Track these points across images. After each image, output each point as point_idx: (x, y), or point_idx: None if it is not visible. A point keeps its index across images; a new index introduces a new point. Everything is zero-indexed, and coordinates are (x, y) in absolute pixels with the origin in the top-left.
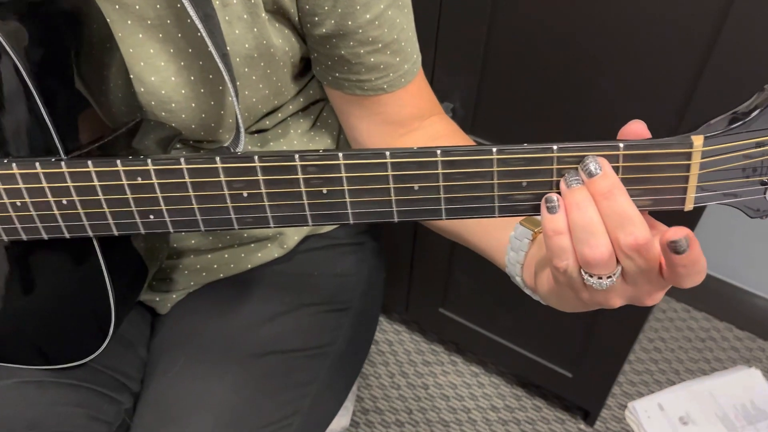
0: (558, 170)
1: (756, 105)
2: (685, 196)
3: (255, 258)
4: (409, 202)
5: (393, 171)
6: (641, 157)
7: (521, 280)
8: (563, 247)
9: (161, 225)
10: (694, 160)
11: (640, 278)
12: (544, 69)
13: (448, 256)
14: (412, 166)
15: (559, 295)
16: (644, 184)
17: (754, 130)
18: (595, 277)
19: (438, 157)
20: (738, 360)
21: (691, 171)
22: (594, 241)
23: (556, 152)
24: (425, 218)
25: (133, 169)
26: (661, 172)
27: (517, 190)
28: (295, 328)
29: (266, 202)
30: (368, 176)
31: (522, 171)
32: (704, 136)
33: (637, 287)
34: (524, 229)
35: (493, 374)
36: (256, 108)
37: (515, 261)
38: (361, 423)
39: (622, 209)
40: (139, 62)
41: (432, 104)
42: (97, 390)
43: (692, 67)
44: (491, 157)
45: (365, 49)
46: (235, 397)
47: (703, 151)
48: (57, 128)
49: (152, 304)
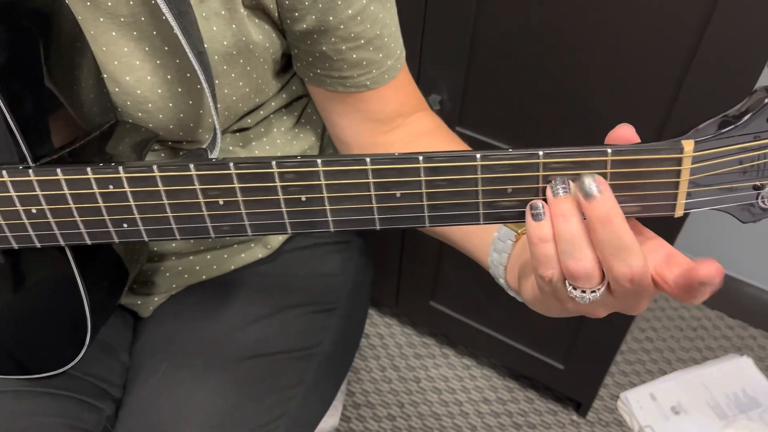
0: (544, 177)
1: (747, 108)
2: (676, 203)
3: (238, 259)
4: (390, 210)
5: (374, 178)
6: (630, 163)
7: (505, 282)
8: (548, 256)
9: (135, 234)
10: (685, 165)
11: (629, 296)
12: (532, 61)
13: (437, 249)
14: (394, 172)
15: (544, 302)
16: (633, 191)
17: (746, 134)
18: (579, 290)
19: (420, 164)
20: (729, 348)
21: (682, 177)
22: (579, 254)
23: (542, 158)
24: (408, 225)
25: (105, 177)
26: (650, 178)
27: (502, 196)
28: (280, 331)
29: (243, 210)
30: (348, 183)
31: (507, 178)
32: (695, 141)
33: (626, 302)
34: (508, 230)
35: (484, 367)
36: (236, 107)
37: (498, 262)
38: (353, 417)
39: (620, 237)
40: (112, 61)
41: (417, 100)
42: (76, 398)
43: (681, 55)
44: (475, 163)
45: (347, 45)
46: (220, 402)
47: (693, 156)
48: (24, 134)
49: (134, 307)
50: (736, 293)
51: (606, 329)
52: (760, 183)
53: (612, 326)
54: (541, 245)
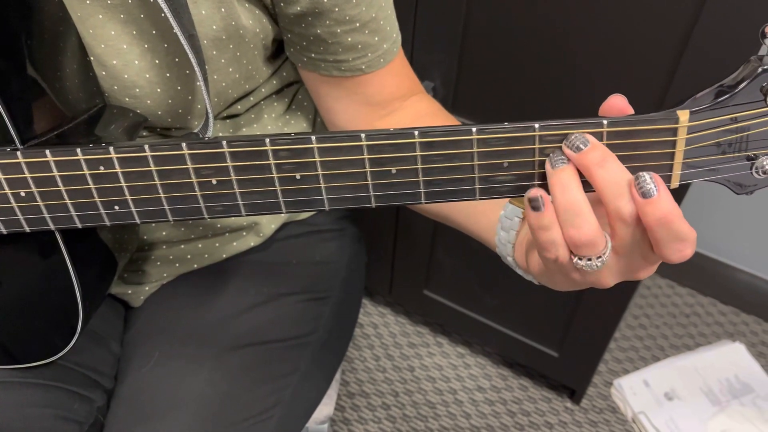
0: (540, 149)
1: (743, 77)
2: (671, 173)
3: (230, 247)
4: (386, 186)
5: (369, 154)
6: (626, 134)
7: (513, 261)
8: (551, 240)
9: (127, 216)
10: (680, 135)
11: (635, 248)
12: (525, 46)
13: (430, 238)
14: (389, 148)
15: (550, 277)
16: (629, 162)
17: (741, 103)
18: (584, 259)
19: (416, 139)
20: (722, 335)
21: (677, 147)
22: (579, 220)
23: (538, 131)
24: (404, 202)
25: (95, 158)
26: (646, 149)
27: (499, 171)
28: (273, 319)
29: (237, 189)
30: (343, 160)
31: (503, 151)
32: (690, 111)
33: (631, 260)
34: (514, 207)
35: (478, 355)
36: (226, 93)
37: (506, 241)
38: (347, 407)
39: (620, 176)
40: (99, 45)
41: (413, 83)
42: (66, 389)
43: (675, 37)
44: (471, 137)
45: (342, 28)
46: (213, 392)
47: (689, 127)
48: (11, 116)
49: (124, 297)
50: (729, 279)
51: (600, 316)
52: (754, 153)
53: (606, 313)
54: (542, 232)
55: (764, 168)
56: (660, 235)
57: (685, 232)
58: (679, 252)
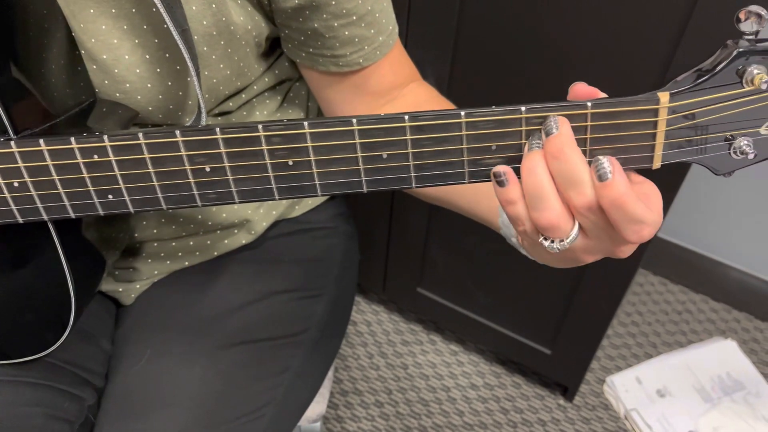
0: (527, 132)
1: (720, 60)
2: (653, 154)
3: (222, 245)
4: (378, 171)
5: (360, 139)
6: (609, 116)
7: (517, 241)
8: (517, 215)
9: (121, 204)
10: (661, 116)
11: (602, 234)
12: (518, 43)
13: (424, 235)
14: (380, 133)
15: (535, 251)
16: (612, 143)
17: (719, 85)
18: (548, 240)
19: (406, 123)
20: (714, 332)
21: (658, 128)
22: (543, 204)
23: (525, 113)
24: (395, 187)
25: (89, 146)
26: (628, 130)
27: (487, 154)
28: (265, 317)
29: (230, 176)
30: (335, 145)
31: (491, 134)
32: (670, 93)
33: (602, 242)
34: None
35: (472, 352)
36: (217, 90)
37: (509, 222)
38: (341, 405)
39: (573, 169)
40: (90, 39)
41: (411, 71)
42: (56, 387)
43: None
44: (460, 120)
45: (339, 21)
46: (205, 390)
47: (669, 108)
48: (4, 107)
49: (115, 294)
50: (721, 277)
51: (592, 314)
52: (731, 134)
53: (598, 311)
54: (509, 207)
55: (741, 149)
56: (616, 217)
57: (640, 214)
58: (636, 233)
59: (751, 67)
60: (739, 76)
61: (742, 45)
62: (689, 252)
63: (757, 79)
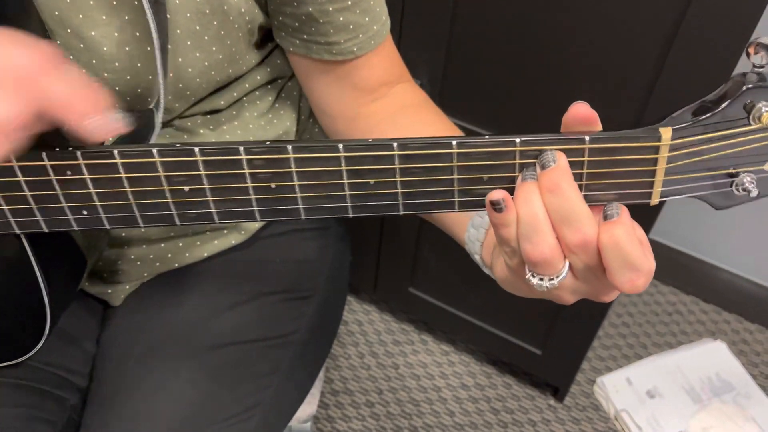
0: (521, 165)
1: (725, 94)
2: (652, 191)
3: (212, 246)
4: (364, 197)
5: (347, 165)
6: (607, 151)
7: (480, 259)
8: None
9: (96, 221)
10: (662, 153)
11: (591, 276)
12: (512, 43)
13: (416, 235)
14: (368, 159)
15: (513, 283)
16: (610, 178)
17: (723, 121)
18: (537, 277)
19: (395, 151)
20: (704, 333)
21: (659, 165)
22: (537, 238)
23: (519, 146)
24: (382, 213)
25: (62, 164)
26: (627, 166)
27: (478, 184)
28: (255, 318)
29: (210, 197)
30: (320, 171)
31: (483, 166)
32: (672, 129)
33: (589, 284)
34: None
35: (463, 352)
36: (208, 73)
37: (475, 238)
38: (331, 405)
39: (568, 204)
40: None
41: (402, 70)
42: (37, 388)
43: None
44: (451, 150)
45: (333, 6)
46: (193, 391)
47: (671, 145)
48: None
49: (104, 296)
50: (711, 278)
51: (583, 315)
52: (735, 170)
53: (589, 312)
54: (503, 229)
55: (744, 185)
56: (611, 258)
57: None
58: (630, 282)
59: (759, 103)
60: (746, 111)
61: (750, 80)
62: (679, 253)
63: (765, 117)
